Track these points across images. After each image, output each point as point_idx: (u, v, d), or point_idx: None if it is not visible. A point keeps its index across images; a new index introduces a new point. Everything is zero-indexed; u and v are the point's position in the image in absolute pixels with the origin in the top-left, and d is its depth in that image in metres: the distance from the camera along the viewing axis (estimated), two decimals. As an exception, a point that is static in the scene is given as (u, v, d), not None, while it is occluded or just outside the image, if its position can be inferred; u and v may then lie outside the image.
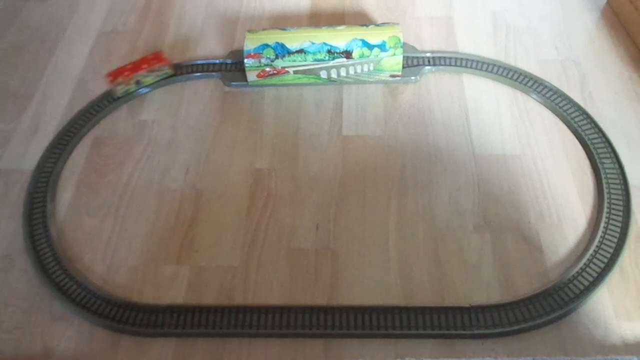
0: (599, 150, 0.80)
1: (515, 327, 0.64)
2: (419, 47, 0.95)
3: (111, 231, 0.76)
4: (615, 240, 0.70)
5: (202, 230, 0.75)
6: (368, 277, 0.70)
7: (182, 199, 0.78)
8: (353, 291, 0.69)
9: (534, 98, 0.87)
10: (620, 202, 0.74)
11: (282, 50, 0.87)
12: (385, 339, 0.65)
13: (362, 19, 1.02)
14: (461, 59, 0.92)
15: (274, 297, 0.69)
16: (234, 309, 0.67)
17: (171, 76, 0.93)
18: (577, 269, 0.68)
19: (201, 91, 0.92)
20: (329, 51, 0.87)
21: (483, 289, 0.68)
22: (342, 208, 0.76)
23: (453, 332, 0.64)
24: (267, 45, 0.87)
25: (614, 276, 0.68)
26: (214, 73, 0.93)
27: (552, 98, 0.86)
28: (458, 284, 0.68)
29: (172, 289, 0.70)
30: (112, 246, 0.74)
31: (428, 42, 0.96)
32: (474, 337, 0.64)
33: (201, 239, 0.74)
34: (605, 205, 0.74)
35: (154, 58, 0.91)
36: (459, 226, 0.73)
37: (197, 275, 0.71)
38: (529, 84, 0.88)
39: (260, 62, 0.88)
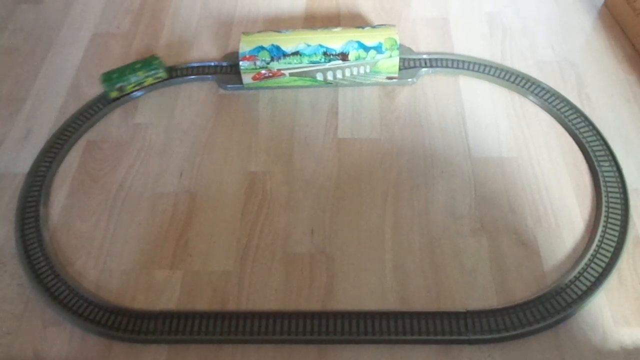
0: (597, 153, 0.79)
1: (512, 333, 0.63)
2: (415, 49, 0.94)
3: (104, 235, 0.75)
4: (614, 244, 0.70)
5: (196, 235, 0.74)
6: (363, 282, 0.69)
7: (175, 203, 0.78)
8: (348, 296, 0.68)
9: (530, 100, 0.87)
10: (619, 206, 0.73)
11: (277, 53, 0.86)
12: (381, 345, 0.64)
13: (357, 21, 1.01)
14: (457, 61, 0.91)
15: (268, 302, 0.68)
16: (227, 315, 0.66)
17: (166, 79, 0.92)
18: (574, 273, 0.68)
19: (196, 94, 0.91)
20: (324, 53, 0.86)
21: (479, 293, 0.67)
22: (337, 211, 0.76)
23: (449, 337, 0.64)
24: (262, 48, 0.86)
25: (612, 281, 0.67)
26: (209, 76, 0.93)
27: (549, 100, 0.86)
28: (454, 288, 0.68)
29: (165, 294, 0.69)
30: (105, 251, 0.74)
31: (424, 44, 0.96)
32: (470, 342, 0.64)
33: (195, 243, 0.74)
34: (603, 208, 0.73)
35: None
36: (455, 230, 0.73)
37: (190, 280, 0.70)
38: (526, 85, 0.88)
39: (255, 64, 0.87)
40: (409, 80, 0.90)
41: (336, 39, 0.86)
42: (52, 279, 0.71)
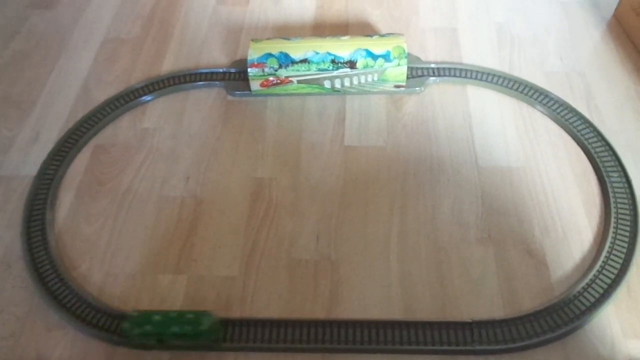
0: (606, 164, 0.78)
1: (519, 344, 0.62)
2: (423, 58, 0.95)
3: (109, 239, 0.75)
4: (623, 255, 0.69)
5: (201, 239, 0.74)
6: (368, 290, 0.68)
7: (181, 208, 0.78)
8: (353, 304, 0.67)
9: (539, 110, 0.86)
10: (628, 217, 0.72)
11: (286, 60, 0.86)
12: (385, 354, 0.63)
13: (366, 29, 1.01)
14: (465, 70, 0.91)
15: (271, 309, 0.67)
16: (230, 322, 0.66)
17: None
18: (583, 284, 0.67)
19: (204, 100, 0.92)
20: (333, 61, 0.86)
21: (486, 303, 0.66)
22: (343, 219, 0.75)
23: (454, 347, 0.63)
24: (271, 55, 0.87)
25: (621, 292, 0.66)
26: (217, 82, 0.93)
27: (557, 110, 0.85)
28: (460, 298, 0.67)
29: (169, 300, 0.69)
30: (109, 254, 0.73)
31: (432, 53, 0.96)
32: (476, 353, 0.63)
33: (200, 248, 0.73)
34: (612, 219, 0.72)
35: None
36: (462, 239, 0.72)
37: (194, 285, 0.70)
38: (534, 95, 0.87)
39: (263, 71, 0.87)
40: (417, 89, 0.90)
41: (344, 47, 0.86)
42: (57, 283, 0.70)
